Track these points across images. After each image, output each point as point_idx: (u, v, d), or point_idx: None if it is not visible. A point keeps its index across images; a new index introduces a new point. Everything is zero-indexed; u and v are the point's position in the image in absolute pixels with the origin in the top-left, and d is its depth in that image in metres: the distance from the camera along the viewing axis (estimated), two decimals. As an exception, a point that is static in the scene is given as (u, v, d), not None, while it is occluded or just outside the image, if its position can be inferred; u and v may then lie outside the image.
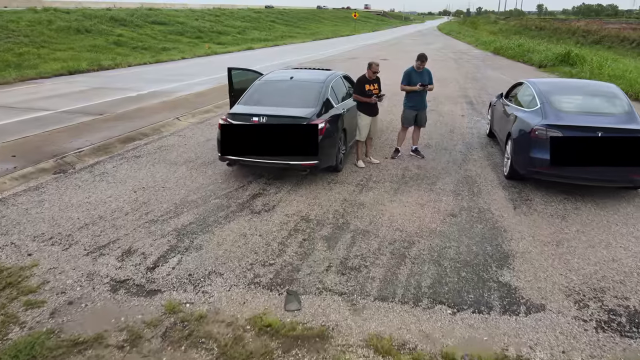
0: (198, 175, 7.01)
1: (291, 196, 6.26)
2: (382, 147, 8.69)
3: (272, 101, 6.84)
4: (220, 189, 6.46)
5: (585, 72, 18.25)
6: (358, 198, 6.22)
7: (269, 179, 6.87)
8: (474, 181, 6.92)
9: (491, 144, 8.96)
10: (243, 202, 6.04)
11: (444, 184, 6.81)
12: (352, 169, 7.41)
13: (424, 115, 7.93)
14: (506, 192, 6.48)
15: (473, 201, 6.16)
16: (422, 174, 7.22)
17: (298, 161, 6.36)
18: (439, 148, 8.68)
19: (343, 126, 7.15)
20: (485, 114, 11.68)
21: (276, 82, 7.30)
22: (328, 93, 7.03)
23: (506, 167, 7.04)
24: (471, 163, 7.80)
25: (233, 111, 6.62)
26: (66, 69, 18.84)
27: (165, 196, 6.19)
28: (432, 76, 7.82)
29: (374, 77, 7.27)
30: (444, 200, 6.17)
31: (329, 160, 6.71)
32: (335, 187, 6.62)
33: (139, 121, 10.26)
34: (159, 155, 8.03)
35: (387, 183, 6.81)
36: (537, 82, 7.36)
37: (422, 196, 6.32)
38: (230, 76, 8.74)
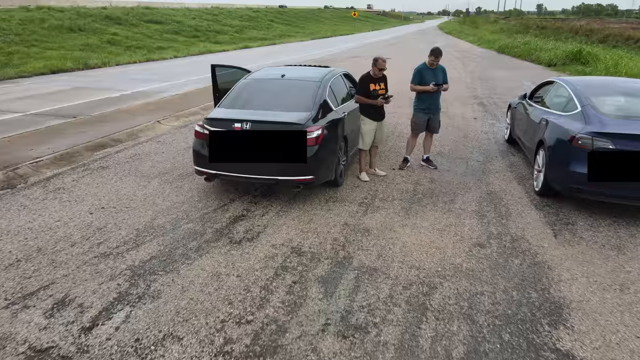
0: (171, 191, 5.90)
1: (281, 219, 5.14)
2: (388, 155, 7.57)
3: (260, 104, 5.73)
4: (196, 210, 5.35)
5: (600, 70, 17.16)
6: (362, 222, 5.11)
7: (255, 196, 5.76)
8: (500, 199, 5.81)
9: (512, 152, 7.85)
10: (221, 227, 4.92)
11: (464, 202, 5.70)
12: (354, 183, 6.30)
13: (437, 119, 6.83)
14: (541, 213, 5.37)
15: (502, 225, 5.05)
16: (437, 189, 6.11)
17: (289, 176, 5.26)
18: (453, 156, 7.57)
19: (344, 133, 6.04)
20: (500, 116, 10.60)
21: (265, 81, 6.19)
22: (326, 94, 5.92)
23: (537, 181, 5.93)
24: (492, 175, 6.69)
25: (212, 116, 5.51)
26: (49, 67, 17.74)
27: (126, 219, 5.07)
28: (447, 74, 6.71)
29: (380, 75, 6.16)
30: (466, 225, 5.06)
31: (327, 174, 5.60)
32: (335, 206, 5.51)
33: (115, 125, 9.14)
34: (129, 165, 6.91)
35: (397, 201, 5.70)
36: (572, 81, 6.25)
37: (439, 219, 5.21)
38: (214, 74, 7.63)
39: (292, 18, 63.74)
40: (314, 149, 5.24)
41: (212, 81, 7.69)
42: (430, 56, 6.44)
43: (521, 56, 25.63)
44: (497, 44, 32.93)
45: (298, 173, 5.25)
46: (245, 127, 5.20)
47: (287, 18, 62.10)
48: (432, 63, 6.47)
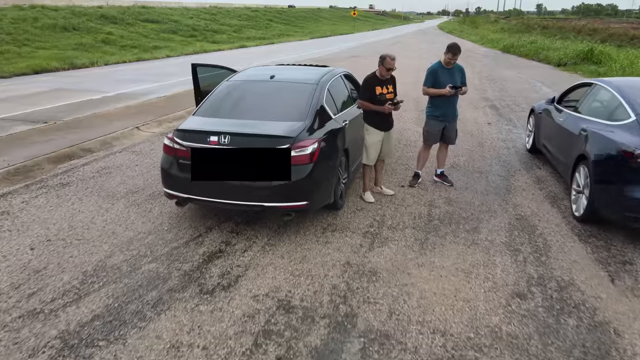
0: (137, 217, 4.89)
1: (267, 256, 4.14)
2: (395, 168, 6.57)
3: (243, 111, 4.73)
4: (163, 243, 4.35)
5: (616, 70, 16.16)
6: (368, 259, 4.11)
7: (237, 224, 4.76)
8: (533, 226, 4.81)
9: (537, 164, 6.84)
10: (191, 268, 3.92)
11: (491, 231, 4.69)
12: (357, 205, 5.30)
13: (454, 128, 5.83)
14: (587, 248, 4.37)
15: (543, 265, 4.05)
16: (456, 213, 5.10)
17: (277, 202, 4.25)
18: (470, 169, 6.56)
19: (345, 145, 5.03)
20: (517, 120, 9.60)
21: (250, 83, 5.17)
22: (323, 99, 4.91)
23: (576, 204, 4.93)
24: (519, 194, 5.69)
25: (183, 127, 4.50)
26: (31, 67, 16.73)
27: (75, 257, 4.07)
28: (465, 74, 5.71)
29: (387, 77, 5.16)
30: (498, 264, 4.06)
31: (325, 197, 4.61)
32: (334, 237, 4.51)
33: (88, 132, 8.14)
34: (94, 182, 5.91)
35: (409, 230, 4.70)
36: (617, 83, 5.24)
37: (463, 255, 4.21)
38: (195, 75, 6.64)
39: (291, 17, 62.72)
40: (308, 167, 4.24)
41: (194, 83, 6.70)
42: (447, 53, 5.43)
43: (527, 55, 24.65)
44: (501, 43, 31.99)
45: (288, 198, 4.25)
46: (223, 142, 4.20)
47: (286, 17, 61.09)
48: (449, 62, 5.47)
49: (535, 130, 7.02)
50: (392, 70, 5.08)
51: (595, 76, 16.63)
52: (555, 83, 15.24)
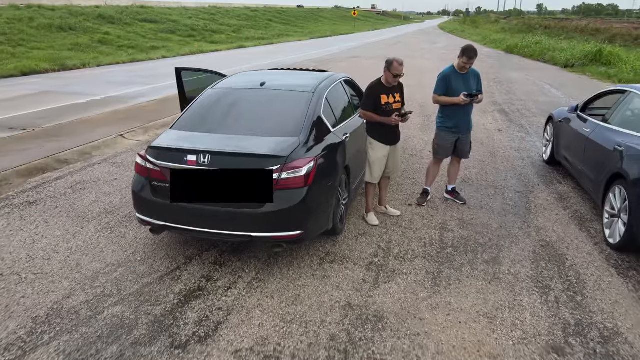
0: (108, 244, 4.27)
1: (253, 296, 3.52)
2: (400, 183, 5.96)
3: (228, 125, 4.11)
4: (134, 278, 3.73)
5: (627, 72, 15.54)
6: (372, 300, 3.49)
7: (222, 253, 4.14)
8: (562, 256, 4.19)
9: (557, 177, 6.23)
10: (163, 313, 3.30)
11: (514, 261, 4.08)
12: (359, 228, 4.68)
13: (467, 140, 5.21)
14: (628, 284, 3.75)
15: (579, 307, 3.43)
16: (472, 239, 4.49)
17: (267, 232, 3.64)
18: (484, 185, 5.95)
19: (345, 162, 4.41)
20: (529, 127, 9.00)
21: (237, 91, 4.54)
22: (321, 109, 4.29)
23: (612, 229, 4.31)
24: (541, 214, 5.07)
25: (158, 143, 3.88)
26: (20, 69, 16.09)
27: (27, 298, 3.45)
28: (481, 80, 5.10)
29: (394, 84, 4.54)
30: (526, 306, 3.44)
31: (322, 224, 3.99)
32: (333, 271, 3.89)
33: (68, 140, 7.52)
34: (66, 200, 5.29)
35: (419, 260, 4.08)
36: (656, 91, 4.62)
37: (484, 293, 3.59)
38: (179, 81, 6.02)
39: (291, 18, 62.11)
40: (303, 192, 3.62)
41: (178, 89, 6.09)
42: (461, 57, 4.81)
43: (532, 56, 24.06)
44: (504, 43, 31.38)
45: (280, 227, 3.63)
46: (203, 162, 3.58)
47: (286, 17, 60.48)
48: (464, 66, 4.85)
49: (555, 140, 6.40)
50: (400, 76, 4.46)
51: (605, 78, 16.04)
52: (564, 85, 14.65)
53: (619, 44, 24.74)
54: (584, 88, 14.02)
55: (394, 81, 4.48)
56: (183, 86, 6.02)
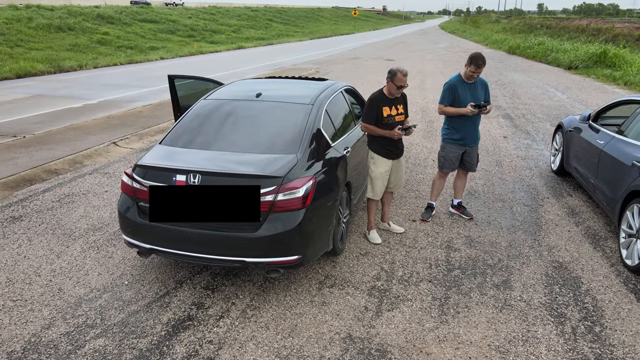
0: (94, 266, 4.02)
1: (247, 326, 3.27)
2: (403, 196, 5.70)
3: (221, 141, 3.85)
4: (120, 305, 3.48)
5: (632, 75, 15.26)
6: (375, 331, 3.24)
7: (214, 277, 3.89)
8: (577, 279, 3.94)
9: (567, 189, 5.97)
10: (149, 347, 3.05)
11: (526, 286, 3.82)
12: (360, 247, 4.43)
13: (474, 153, 4.95)
14: (649, 312, 3.50)
15: (599, 340, 3.18)
16: (480, 259, 4.23)
17: (261, 257, 3.38)
18: (491, 198, 5.69)
19: (346, 178, 4.16)
20: (535, 134, 8.75)
21: (232, 103, 4.27)
22: (320, 122, 4.04)
23: (630, 250, 4.06)
24: (552, 231, 4.82)
25: (145, 161, 3.63)
26: (15, 71, 15.85)
27: (4, 328, 3.20)
28: (489, 89, 4.84)
29: (397, 95, 4.29)
30: (541, 339, 3.19)
31: (321, 246, 3.73)
32: (332, 297, 3.64)
33: (59, 148, 7.28)
34: (52, 214, 5.04)
35: (425, 284, 3.83)
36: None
37: (495, 323, 3.33)
38: (172, 89, 5.77)
39: (291, 17, 61.86)
40: (300, 214, 3.37)
41: (171, 97, 5.83)
42: (469, 65, 4.55)
43: (535, 57, 23.76)
44: (506, 44, 31.06)
45: (276, 252, 3.38)
46: (193, 182, 3.33)
47: (286, 17, 60.25)
48: (471, 75, 4.60)
49: (564, 150, 6.14)
50: (404, 87, 4.20)
51: (610, 80, 15.78)
52: (569, 88, 14.38)
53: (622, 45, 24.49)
54: (589, 91, 13.77)
55: (397, 92, 4.22)
56: (176, 94, 5.76)
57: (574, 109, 10.91)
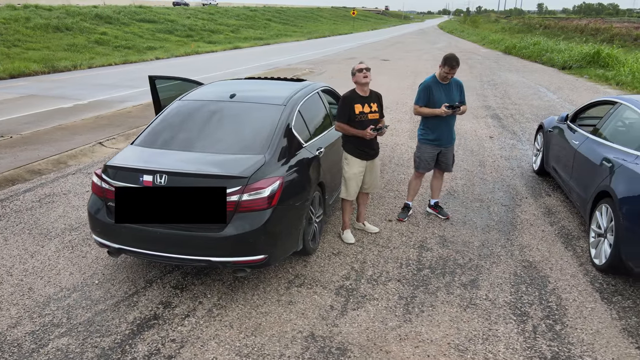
0: (67, 265, 4.06)
1: (211, 325, 3.31)
2: (382, 196, 5.74)
3: (192, 142, 3.88)
4: (87, 305, 3.51)
5: (624, 75, 15.28)
6: (338, 330, 3.27)
7: (185, 276, 3.92)
8: (544, 278, 3.97)
9: (546, 189, 6.00)
10: (112, 346, 3.08)
11: (493, 285, 3.86)
12: (333, 247, 4.46)
13: (450, 153, 4.98)
14: (612, 311, 3.53)
15: (558, 338, 3.21)
16: (451, 259, 4.27)
17: (227, 256, 3.42)
18: (469, 197, 5.72)
19: (319, 178, 4.20)
20: (521, 133, 8.78)
21: (206, 104, 4.31)
22: (292, 123, 4.08)
23: (598, 250, 4.09)
24: (526, 231, 4.85)
25: (114, 162, 3.67)
26: (8, 72, 15.89)
27: (-31, 328, 3.24)
28: (464, 90, 4.87)
29: (367, 93, 4.32)
30: (501, 337, 3.22)
31: (289, 246, 3.77)
32: (299, 296, 3.67)
33: (45, 148, 7.32)
34: (31, 214, 5.08)
35: (393, 283, 3.86)
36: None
37: (457, 322, 3.37)
38: (154, 89, 5.80)
39: (290, 17, 61.89)
40: (266, 214, 3.41)
41: (153, 98, 5.87)
42: (443, 66, 4.59)
43: (530, 57, 23.78)
44: (502, 44, 31.08)
45: (241, 251, 3.41)
46: (159, 182, 3.37)
47: (285, 17, 60.28)
48: (446, 76, 4.63)
49: (545, 150, 6.17)
50: (368, 81, 4.23)
51: (602, 81, 15.80)
52: (561, 88, 14.41)
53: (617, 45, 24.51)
54: (581, 91, 13.80)
55: (362, 91, 4.25)
56: (158, 95, 5.79)
57: (563, 109, 10.93)
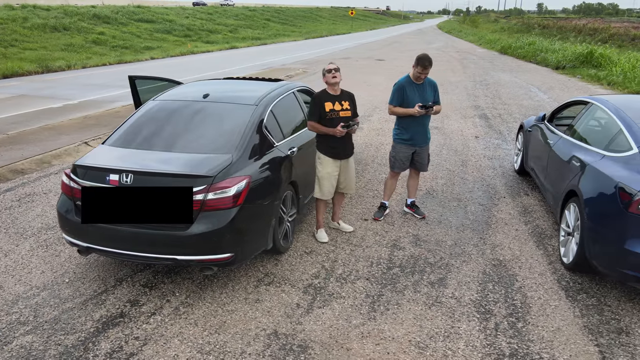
0: (39, 264, 4.10)
1: (176, 323, 3.34)
2: (362, 195, 5.77)
3: (162, 141, 3.91)
4: (55, 303, 3.55)
5: (615, 74, 15.31)
6: (301, 327, 3.30)
7: (155, 274, 3.96)
8: (512, 276, 4.01)
9: (525, 189, 6.04)
10: (75, 343, 3.12)
11: (461, 283, 3.89)
12: (307, 245, 4.50)
13: (425, 153, 5.01)
14: (575, 308, 3.56)
15: (519, 335, 3.24)
16: (422, 258, 4.30)
17: (193, 255, 3.45)
18: (448, 197, 5.76)
19: (291, 177, 4.24)
20: (507, 133, 8.81)
21: (179, 104, 4.34)
22: (264, 122, 4.11)
23: (566, 247, 4.13)
24: (500, 230, 4.88)
25: (83, 161, 3.71)
26: (1, 72, 15.93)
27: (-64, 326, 3.27)
28: (438, 90, 4.90)
29: (337, 92, 4.35)
30: (462, 334, 3.25)
31: (258, 244, 3.80)
32: (267, 294, 3.70)
33: (29, 148, 7.35)
34: (9, 213, 5.11)
35: (362, 282, 3.89)
36: (617, 104, 4.39)
37: (421, 320, 3.40)
38: (134, 90, 5.83)
39: (289, 17, 61.93)
40: (232, 212, 3.44)
41: (133, 99, 5.89)
42: (416, 67, 4.62)
43: (525, 57, 23.81)
44: (498, 44, 31.11)
45: (207, 249, 3.44)
46: (125, 181, 3.40)
47: (284, 17, 60.32)
48: (419, 76, 4.66)
49: (524, 149, 6.21)
50: (336, 84, 4.26)
51: (594, 81, 15.83)
52: (552, 88, 14.44)
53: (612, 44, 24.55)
54: (572, 91, 13.82)
55: (335, 90, 4.28)
56: (138, 95, 5.82)
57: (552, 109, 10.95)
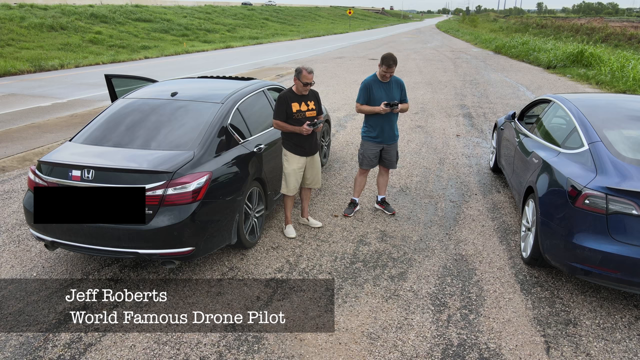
0: (9, 259, 4.19)
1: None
2: (335, 192, 5.86)
3: (128, 138, 4.00)
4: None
5: (604, 74, 15.40)
6: (258, 319, 3.39)
7: (122, 268, 4.05)
8: (472, 270, 4.10)
9: (497, 186, 6.13)
10: (35, 334, 3.21)
11: (420, 277, 3.98)
12: (274, 241, 4.59)
13: (393, 151, 5.10)
14: (528, 301, 3.65)
15: (469, 327, 3.34)
16: (387, 253, 4.39)
17: (153, 249, 3.54)
18: (421, 194, 5.84)
19: (258, 174, 4.33)
20: (488, 132, 8.89)
21: (147, 102, 4.43)
22: (228, 120, 4.20)
23: (525, 242, 4.22)
24: (467, 226, 4.98)
25: (47, 158, 3.80)
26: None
27: None
28: (405, 89, 4.98)
29: (305, 92, 4.44)
30: (415, 326, 3.35)
31: (220, 239, 3.89)
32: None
33: (12, 146, 7.45)
34: (-13, 210, 5.21)
35: (323, 276, 3.99)
36: (575, 102, 4.49)
37: (376, 312, 3.49)
38: (111, 88, 5.93)
39: (287, 17, 61.98)
40: (191, 207, 3.53)
41: (110, 97, 5.98)
42: (381, 66, 4.71)
43: (519, 57, 23.88)
44: (493, 43, 31.18)
45: (168, 244, 3.54)
46: (87, 177, 3.49)
47: (282, 16, 60.37)
48: (384, 75, 4.74)
49: (497, 147, 6.30)
50: (310, 85, 4.36)
51: (584, 80, 15.92)
52: (541, 87, 14.52)
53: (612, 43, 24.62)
54: (560, 91, 13.91)
55: (304, 90, 4.38)
56: (115, 94, 5.91)
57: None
